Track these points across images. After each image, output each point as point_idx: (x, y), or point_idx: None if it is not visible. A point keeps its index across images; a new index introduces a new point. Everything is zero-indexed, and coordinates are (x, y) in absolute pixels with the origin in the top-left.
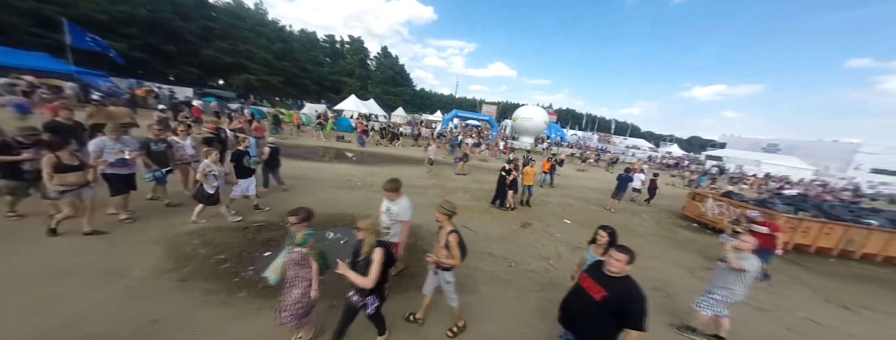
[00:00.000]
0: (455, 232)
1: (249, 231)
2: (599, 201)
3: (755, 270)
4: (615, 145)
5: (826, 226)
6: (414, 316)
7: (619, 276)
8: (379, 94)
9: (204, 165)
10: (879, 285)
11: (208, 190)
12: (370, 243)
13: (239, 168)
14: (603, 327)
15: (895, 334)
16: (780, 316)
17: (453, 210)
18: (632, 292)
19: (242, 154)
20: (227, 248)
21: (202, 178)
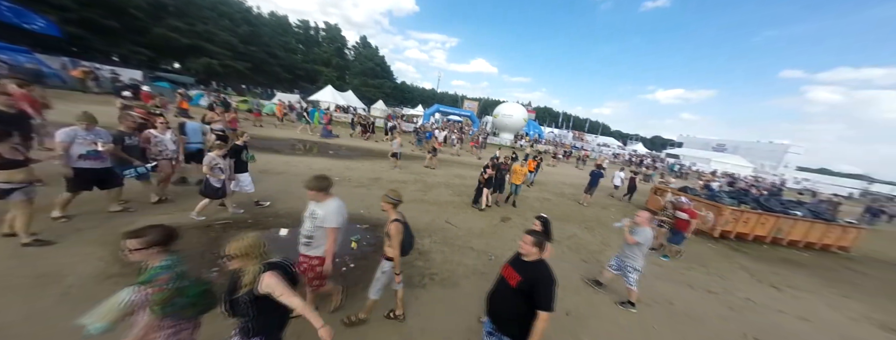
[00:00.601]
0: (398, 221)
1: (213, 230)
2: (574, 196)
3: (648, 241)
4: (588, 142)
5: (761, 217)
6: (393, 313)
7: (532, 261)
8: (357, 85)
9: (210, 157)
10: (801, 267)
11: (215, 184)
12: (253, 271)
13: (237, 163)
14: (519, 313)
15: (813, 308)
16: (726, 298)
17: (398, 199)
18: (541, 274)
19: (241, 149)
20: (186, 249)
21: (208, 171)
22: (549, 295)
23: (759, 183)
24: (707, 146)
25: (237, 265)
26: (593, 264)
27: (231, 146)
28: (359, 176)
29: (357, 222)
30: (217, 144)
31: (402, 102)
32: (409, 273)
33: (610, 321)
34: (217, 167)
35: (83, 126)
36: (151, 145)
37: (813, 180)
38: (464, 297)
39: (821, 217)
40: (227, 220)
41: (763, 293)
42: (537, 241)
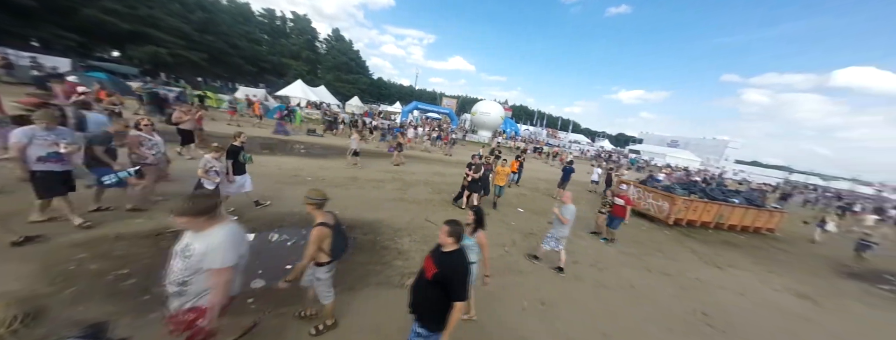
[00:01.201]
0: (324, 225)
1: (164, 238)
2: (548, 190)
3: (572, 216)
4: (560, 139)
5: (707, 205)
6: (304, 313)
7: (448, 251)
8: (331, 80)
9: (205, 160)
10: (738, 248)
11: (208, 186)
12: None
13: (235, 165)
14: (435, 305)
15: (748, 283)
16: (678, 279)
17: (321, 199)
18: (455, 264)
19: (238, 150)
20: (131, 260)
21: (203, 174)
22: (462, 285)
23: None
24: (663, 143)
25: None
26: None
27: (229, 147)
28: (334, 176)
29: None
30: (214, 146)
31: (379, 98)
32: (388, 274)
33: (580, 307)
34: (212, 170)
35: (42, 125)
36: (145, 148)
37: (747, 171)
38: None
39: (753, 204)
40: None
41: (708, 273)
42: (452, 231)
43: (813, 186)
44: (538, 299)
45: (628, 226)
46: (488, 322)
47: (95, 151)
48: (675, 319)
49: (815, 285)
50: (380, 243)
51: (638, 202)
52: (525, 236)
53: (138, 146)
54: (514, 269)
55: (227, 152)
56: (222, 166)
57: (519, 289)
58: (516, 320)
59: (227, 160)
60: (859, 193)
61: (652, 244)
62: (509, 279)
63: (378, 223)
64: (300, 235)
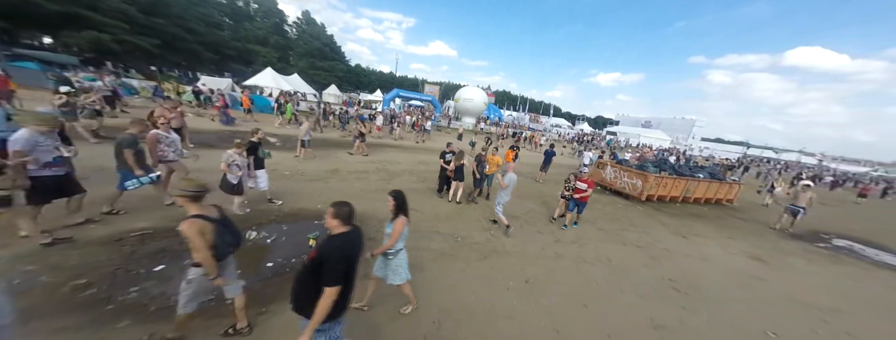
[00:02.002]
0: (199, 218)
1: (127, 243)
2: (530, 174)
3: (513, 183)
4: (542, 124)
5: (676, 181)
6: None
7: (333, 234)
8: (304, 68)
9: (227, 154)
10: (702, 218)
11: (232, 180)
12: None
13: (254, 160)
14: (309, 292)
15: (709, 250)
16: (649, 250)
17: (195, 190)
18: (327, 248)
19: (256, 145)
20: (90, 269)
21: (226, 167)
22: (331, 270)
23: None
24: (638, 124)
25: None
26: (547, 234)
27: (248, 143)
28: (314, 169)
29: (316, 218)
30: (237, 142)
31: (358, 86)
32: (373, 263)
33: (563, 282)
34: (234, 164)
35: (45, 130)
36: (163, 145)
37: (712, 147)
38: (432, 280)
39: (716, 178)
40: (144, 231)
41: (676, 243)
42: (337, 212)
43: (767, 159)
44: (523, 278)
45: (606, 204)
46: (475, 303)
47: (125, 154)
48: (646, 286)
49: (764, 247)
50: (366, 234)
51: (614, 182)
52: (510, 218)
53: (156, 144)
54: (499, 250)
55: (247, 148)
56: (244, 160)
57: (505, 270)
58: (503, 299)
59: (248, 156)
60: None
61: (627, 219)
62: (495, 260)
63: (363, 215)
64: (280, 232)
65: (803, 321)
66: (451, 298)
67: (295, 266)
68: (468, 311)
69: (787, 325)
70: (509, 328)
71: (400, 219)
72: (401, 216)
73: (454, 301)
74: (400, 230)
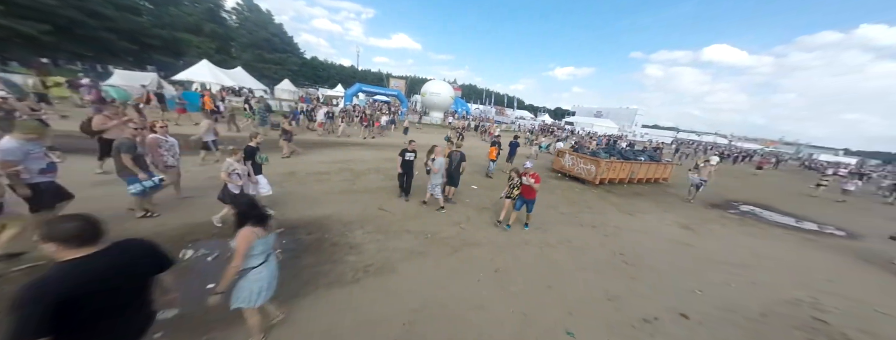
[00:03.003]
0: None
1: (7, 281)
2: (499, 166)
3: (441, 166)
4: (508, 116)
5: (623, 164)
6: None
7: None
8: (250, 60)
9: (227, 163)
10: (644, 196)
11: (233, 190)
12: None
13: (253, 166)
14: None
15: (649, 224)
16: (602, 229)
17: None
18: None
19: (255, 151)
20: None
21: (227, 177)
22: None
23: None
24: (591, 114)
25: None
26: (516, 223)
27: (245, 148)
28: (267, 172)
29: None
30: (232, 149)
31: (316, 81)
32: (340, 271)
33: (529, 267)
34: (234, 173)
35: (33, 138)
36: (163, 149)
37: (650, 134)
38: (403, 281)
39: (654, 160)
40: (33, 263)
41: (624, 220)
42: (52, 232)
43: (692, 141)
44: (493, 268)
45: (566, 189)
46: (446, 299)
47: (123, 159)
48: (601, 262)
49: (691, 217)
50: (329, 240)
51: (571, 168)
52: (479, 211)
53: (157, 149)
54: (470, 243)
55: (245, 152)
56: (244, 168)
57: (475, 262)
58: (473, 291)
59: (247, 161)
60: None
61: (583, 202)
62: (466, 253)
63: (325, 219)
64: (221, 248)
65: (720, 276)
66: (421, 297)
67: None
68: (440, 307)
69: (709, 281)
70: (480, 318)
71: (241, 232)
72: (243, 228)
73: (425, 299)
74: (243, 245)
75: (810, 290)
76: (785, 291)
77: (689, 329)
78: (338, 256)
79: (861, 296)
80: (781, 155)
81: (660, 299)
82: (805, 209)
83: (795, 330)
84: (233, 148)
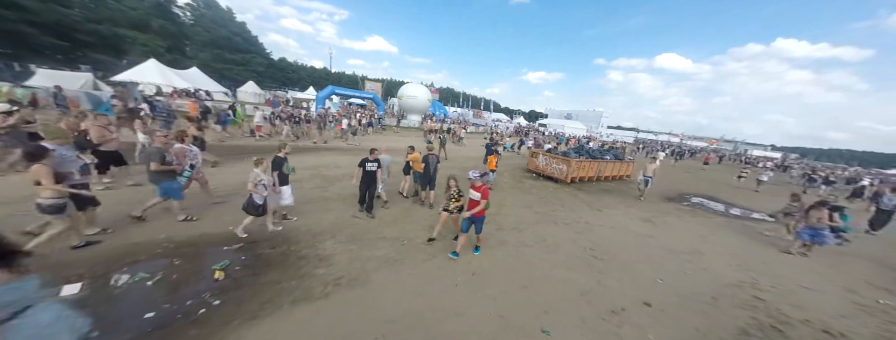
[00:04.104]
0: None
1: None
2: (476, 168)
3: (387, 162)
4: (485, 118)
5: (592, 163)
6: None
7: None
8: (208, 61)
9: (254, 174)
10: (610, 193)
11: (257, 200)
12: None
13: (279, 176)
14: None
15: (616, 218)
16: (574, 226)
17: None
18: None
19: (282, 161)
20: None
21: (253, 188)
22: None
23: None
24: (562, 116)
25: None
26: (492, 224)
27: (274, 159)
28: (232, 181)
29: (224, 242)
30: (257, 159)
31: (285, 83)
32: (307, 286)
33: (505, 268)
34: (261, 184)
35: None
36: (188, 159)
37: (615, 134)
38: (377, 292)
39: (618, 158)
40: None
41: (593, 216)
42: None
43: (649, 140)
44: (470, 271)
45: (541, 189)
46: (423, 307)
47: (152, 167)
48: (573, 258)
49: (652, 210)
50: (295, 253)
51: (545, 168)
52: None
53: (184, 158)
54: (448, 248)
55: (272, 163)
56: (270, 178)
57: (453, 266)
58: (451, 296)
59: (273, 172)
60: (672, 142)
61: (557, 201)
62: (444, 258)
63: (292, 231)
64: (162, 269)
65: (677, 264)
66: (397, 307)
67: (189, 311)
68: (416, 316)
69: (667, 270)
70: (458, 325)
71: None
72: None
73: (401, 309)
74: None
75: (750, 272)
76: (729, 275)
77: (652, 317)
78: (306, 270)
79: (787, 274)
80: (723, 151)
81: (626, 290)
82: (742, 200)
83: (739, 310)
84: (258, 158)
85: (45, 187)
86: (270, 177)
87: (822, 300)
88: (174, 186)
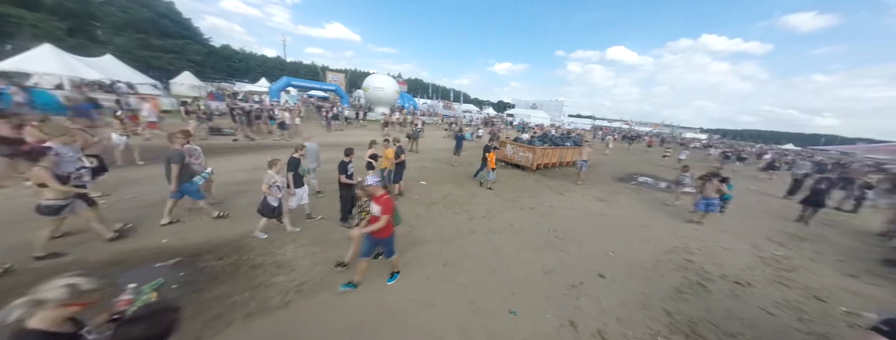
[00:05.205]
0: None
1: None
2: (447, 159)
3: (313, 150)
4: (455, 110)
5: (555, 150)
6: None
7: None
8: (128, 47)
9: (268, 176)
10: (570, 176)
11: (272, 202)
12: None
13: (294, 177)
14: None
15: (575, 200)
16: (539, 210)
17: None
18: None
19: (298, 162)
20: None
21: (267, 189)
22: None
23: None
24: (528, 106)
25: None
26: (463, 214)
27: (289, 160)
28: (158, 189)
29: (157, 257)
30: (272, 160)
31: (231, 74)
32: (263, 297)
33: (476, 256)
34: (275, 186)
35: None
36: (193, 158)
37: (575, 122)
38: (345, 294)
39: (577, 144)
40: None
41: (556, 200)
42: None
43: (604, 127)
44: (441, 262)
45: (508, 177)
46: (394, 304)
47: (173, 169)
48: (538, 240)
49: (606, 191)
50: (248, 262)
51: (513, 156)
52: (427, 206)
53: (189, 157)
54: (418, 241)
55: (288, 163)
56: (283, 180)
57: (424, 259)
58: (422, 289)
59: (288, 173)
60: (622, 128)
61: (523, 188)
62: (414, 252)
63: (244, 238)
64: None
65: (625, 238)
66: (367, 307)
67: None
68: (387, 316)
69: (618, 243)
70: (430, 316)
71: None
72: None
73: (371, 309)
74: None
75: (681, 239)
76: (666, 242)
77: (605, 287)
78: (262, 279)
79: (710, 238)
80: (663, 135)
81: (583, 266)
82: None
83: (674, 272)
84: (272, 159)
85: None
86: (284, 178)
87: (734, 256)
88: (192, 187)
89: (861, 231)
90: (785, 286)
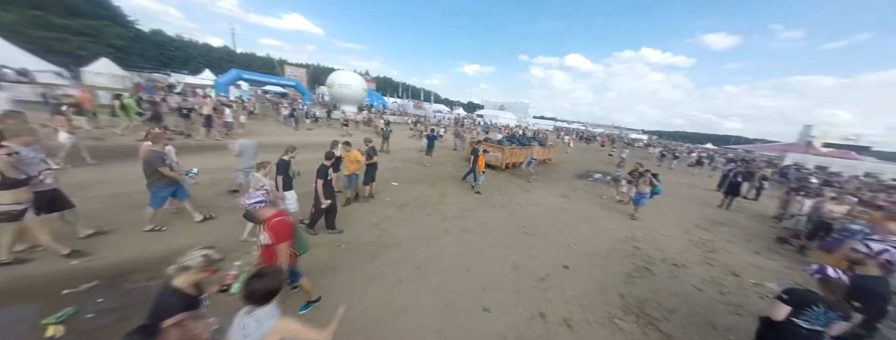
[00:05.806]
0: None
1: None
2: (419, 160)
3: (242, 148)
4: (425, 110)
5: (523, 149)
6: None
7: None
8: (18, 26)
9: (256, 178)
10: (537, 175)
11: None
12: None
13: (284, 180)
14: None
15: (541, 197)
16: (509, 208)
17: None
18: None
19: (288, 164)
20: None
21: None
22: None
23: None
24: (496, 107)
25: None
26: (436, 215)
27: (279, 161)
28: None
29: (69, 283)
30: (262, 163)
31: (165, 63)
32: (226, 310)
33: (449, 255)
34: (263, 189)
35: (27, 142)
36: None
37: (539, 123)
38: (303, 315)
39: (542, 144)
40: None
41: (524, 197)
42: None
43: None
44: (414, 264)
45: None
46: (367, 309)
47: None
48: (508, 237)
49: (567, 187)
50: None
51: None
52: (399, 208)
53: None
54: (390, 244)
55: (277, 166)
56: (272, 183)
57: (397, 262)
58: (396, 293)
59: (278, 176)
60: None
61: (494, 187)
62: (386, 256)
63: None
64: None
65: (585, 229)
66: (332, 318)
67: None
68: (357, 323)
69: (578, 235)
70: (404, 321)
71: None
72: None
73: (341, 324)
74: None
75: (630, 229)
76: (619, 232)
77: (569, 277)
78: (211, 296)
79: (653, 226)
80: (613, 136)
81: (549, 259)
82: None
83: (626, 259)
84: (261, 162)
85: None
86: (272, 181)
87: (671, 242)
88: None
89: (762, 215)
90: (710, 265)
